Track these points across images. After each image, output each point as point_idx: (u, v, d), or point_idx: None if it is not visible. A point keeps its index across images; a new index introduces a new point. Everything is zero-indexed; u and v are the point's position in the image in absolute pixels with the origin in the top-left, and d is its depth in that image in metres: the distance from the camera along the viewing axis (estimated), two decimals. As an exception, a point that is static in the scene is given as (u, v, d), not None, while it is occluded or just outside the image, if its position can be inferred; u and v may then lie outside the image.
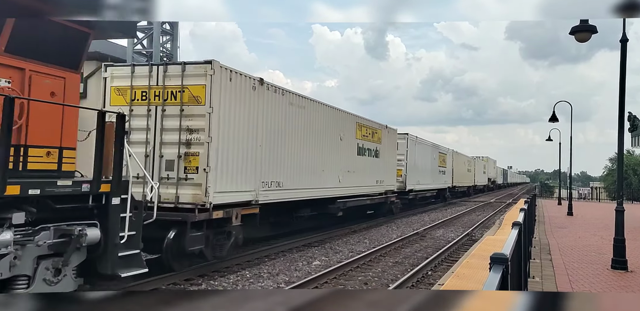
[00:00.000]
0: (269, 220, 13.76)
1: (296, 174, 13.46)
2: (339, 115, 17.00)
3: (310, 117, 14.58)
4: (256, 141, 11.45)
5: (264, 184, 11.80)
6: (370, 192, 19.92)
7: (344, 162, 17.01)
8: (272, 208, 12.69)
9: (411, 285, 9.97)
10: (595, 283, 8.69)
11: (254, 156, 11.34)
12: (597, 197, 57.55)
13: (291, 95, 13.42)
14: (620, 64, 10.08)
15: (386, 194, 21.75)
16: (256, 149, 11.43)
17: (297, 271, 10.78)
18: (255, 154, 11.41)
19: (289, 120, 13.16)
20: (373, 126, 20.60)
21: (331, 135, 16.08)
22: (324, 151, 15.49)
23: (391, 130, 23.20)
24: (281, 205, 13.08)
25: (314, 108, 14.94)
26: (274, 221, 14.35)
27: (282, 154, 12.69)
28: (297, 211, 14.83)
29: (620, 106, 10.16)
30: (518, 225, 4.91)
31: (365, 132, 19.40)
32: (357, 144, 18.54)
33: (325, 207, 15.96)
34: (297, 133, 13.67)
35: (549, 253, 11.99)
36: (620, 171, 10.90)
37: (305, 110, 14.20)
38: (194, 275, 9.95)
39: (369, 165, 19.58)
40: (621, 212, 10.09)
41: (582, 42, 10.40)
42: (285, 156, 12.88)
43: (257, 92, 11.53)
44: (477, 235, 17.90)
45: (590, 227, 18.92)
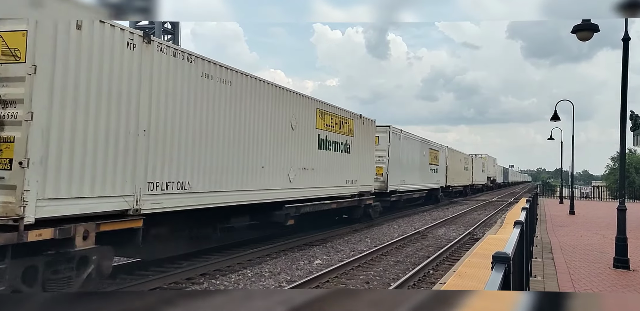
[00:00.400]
0: (185, 234, 10.39)
1: (216, 172, 10.16)
2: (289, 97, 13.35)
3: (242, 96, 11.10)
4: (137, 125, 8.13)
5: (153, 186, 8.49)
6: (337, 194, 16.54)
7: (297, 157, 13.64)
8: (181, 219, 9.61)
9: (413, 284, 9.97)
10: (597, 282, 8.67)
11: (131, 146, 8.05)
12: (598, 195, 57.48)
13: (206, 63, 9.89)
14: (623, 63, 10.05)
15: (361, 196, 18.47)
16: (136, 136, 8.12)
17: (299, 270, 10.79)
18: (136, 143, 8.13)
19: (204, 99, 9.80)
20: (342, 114, 16.96)
21: (277, 122, 12.61)
22: (265, 142, 12.03)
23: (367, 120, 19.49)
24: (197, 213, 9.82)
25: (248, 86, 11.39)
26: (194, 235, 10.74)
27: (189, 145, 9.38)
28: (225, 221, 11.41)
29: (622, 105, 10.14)
30: (520, 224, 4.90)
31: (330, 121, 15.92)
32: (319, 135, 15.07)
33: (268, 214, 12.65)
34: (219, 117, 10.25)
35: (551, 252, 11.98)
36: (622, 170, 10.89)
37: (233, 87, 10.74)
38: (196, 274, 9.96)
39: (335, 162, 16.24)
40: (623, 210, 10.08)
41: (584, 40, 10.37)
42: (195, 147, 9.56)
43: (138, 52, 8.17)
44: (479, 234, 17.89)
45: (592, 226, 18.89)
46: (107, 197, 7.62)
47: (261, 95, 11.98)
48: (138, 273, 9.71)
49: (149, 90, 8.44)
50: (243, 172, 11.17)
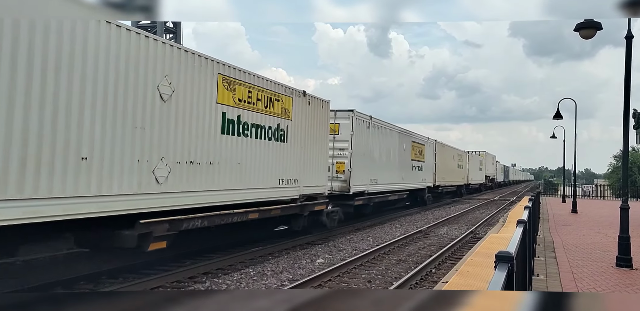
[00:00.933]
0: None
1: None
2: (158, 50, 8.69)
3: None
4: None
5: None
6: (263, 199, 11.92)
7: (173, 143, 9.04)
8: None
9: (415, 283, 9.98)
10: (600, 281, 8.66)
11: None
12: (601, 194, 57.46)
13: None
14: (626, 61, 10.02)
15: (304, 201, 14.02)
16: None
17: (301, 269, 10.80)
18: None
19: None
20: (270, 89, 12.16)
21: (122, 84, 7.95)
22: (90, 116, 7.39)
23: (316, 101, 14.61)
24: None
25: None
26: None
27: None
28: (17, 247, 7.28)
29: (626, 103, 10.12)
30: (523, 223, 4.88)
31: (246, 96, 11.17)
32: (224, 114, 10.41)
33: (108, 235, 8.05)
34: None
35: (554, 251, 11.96)
36: (625, 168, 10.86)
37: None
38: (198, 273, 9.98)
39: (259, 154, 11.73)
40: (626, 209, 10.06)
41: (587, 38, 10.35)
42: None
43: None
44: (481, 232, 17.88)
45: (595, 225, 18.86)
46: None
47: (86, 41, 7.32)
48: (141, 271, 9.73)
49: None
50: (45, 169, 6.75)
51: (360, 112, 18.42)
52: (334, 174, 17.07)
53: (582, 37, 10.31)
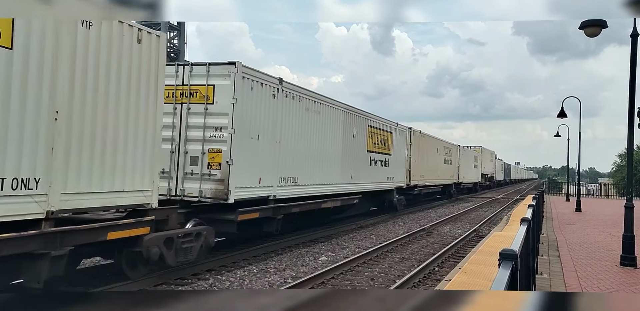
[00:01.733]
0: None
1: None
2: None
3: None
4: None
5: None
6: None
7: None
8: None
9: (418, 281, 9.97)
10: (604, 280, 8.63)
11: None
12: (605, 193, 57.29)
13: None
14: (631, 59, 9.97)
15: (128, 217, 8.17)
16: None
17: (304, 267, 10.81)
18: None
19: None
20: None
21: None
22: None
23: (147, 35, 8.02)
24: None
25: None
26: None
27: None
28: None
29: (630, 101, 10.07)
30: (526, 222, 4.87)
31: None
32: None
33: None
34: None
35: (557, 249, 11.93)
36: (630, 167, 10.81)
37: None
38: (202, 270, 9.99)
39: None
40: (630, 208, 10.02)
41: (592, 37, 10.29)
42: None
43: None
44: (485, 231, 17.85)
45: (599, 224, 18.81)
46: None
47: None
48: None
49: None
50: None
51: (256, 69, 11.23)
52: (205, 170, 10.46)
53: (587, 35, 10.25)
